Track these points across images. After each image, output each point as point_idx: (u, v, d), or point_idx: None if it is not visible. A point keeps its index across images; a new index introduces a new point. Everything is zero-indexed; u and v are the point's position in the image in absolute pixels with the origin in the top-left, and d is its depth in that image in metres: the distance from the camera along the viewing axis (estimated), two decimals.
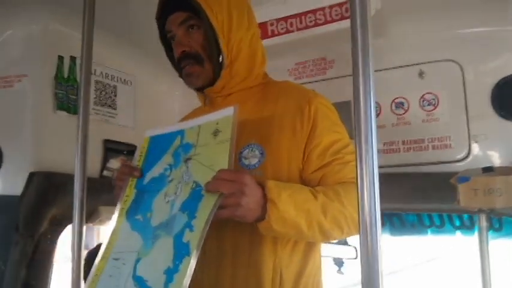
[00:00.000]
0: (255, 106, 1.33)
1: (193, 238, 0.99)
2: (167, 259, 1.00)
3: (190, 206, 1.06)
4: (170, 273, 0.98)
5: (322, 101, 1.31)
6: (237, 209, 1.03)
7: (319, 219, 1.11)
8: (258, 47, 1.38)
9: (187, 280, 0.94)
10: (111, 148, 2.26)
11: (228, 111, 1.13)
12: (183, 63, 1.32)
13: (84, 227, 1.34)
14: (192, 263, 0.96)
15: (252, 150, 1.24)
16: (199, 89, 1.37)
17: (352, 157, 1.24)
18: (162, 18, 1.36)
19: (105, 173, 2.23)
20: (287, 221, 1.08)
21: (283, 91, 1.35)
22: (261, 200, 1.06)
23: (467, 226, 2.36)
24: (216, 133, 1.13)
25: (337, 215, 1.12)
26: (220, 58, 1.29)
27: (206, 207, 1.02)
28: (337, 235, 1.18)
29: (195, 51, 1.30)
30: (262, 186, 1.08)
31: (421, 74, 2.01)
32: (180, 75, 1.37)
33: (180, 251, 0.99)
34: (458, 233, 2.40)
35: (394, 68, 2.06)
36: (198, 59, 1.30)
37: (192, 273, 0.95)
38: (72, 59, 2.09)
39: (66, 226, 2.10)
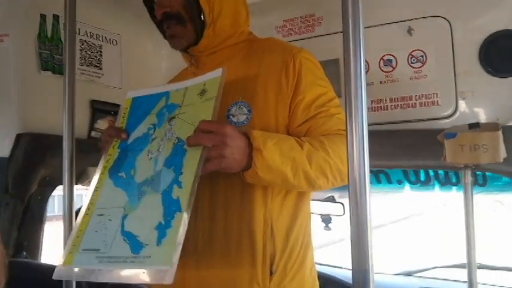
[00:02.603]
0: (240, 63, 1.34)
1: (183, 194, 1.00)
2: (157, 215, 1.02)
3: (174, 162, 1.07)
4: (162, 229, 0.99)
5: (307, 55, 1.32)
6: (221, 161, 1.04)
7: (305, 168, 1.14)
8: (241, 4, 1.38)
9: (181, 235, 0.95)
10: (99, 108, 2.24)
11: (217, 73, 1.14)
12: (165, 24, 1.32)
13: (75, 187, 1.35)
14: (185, 218, 0.97)
15: (239, 107, 1.26)
16: (184, 49, 1.37)
17: (337, 110, 1.28)
18: None
19: (93, 133, 2.22)
20: (273, 168, 1.10)
21: (267, 47, 1.36)
22: (246, 149, 1.08)
23: (452, 182, 2.40)
24: (202, 93, 1.14)
25: (322, 163, 1.15)
26: (202, 16, 1.28)
27: (191, 162, 1.03)
28: (323, 184, 1.20)
29: (176, 11, 1.29)
30: (247, 136, 1.09)
31: (409, 31, 1.99)
32: (165, 37, 1.37)
33: (171, 207, 1.01)
34: (444, 188, 2.45)
35: (382, 24, 2.04)
36: (180, 19, 1.30)
37: (186, 228, 0.96)
38: (55, 17, 2.04)
39: (55, 187, 2.11)
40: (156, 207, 1.03)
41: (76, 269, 1.07)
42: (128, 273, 0.99)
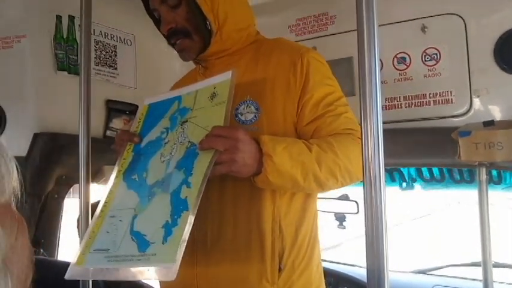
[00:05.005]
0: (248, 64, 1.35)
1: (191, 194, 1.01)
2: (165, 214, 1.03)
3: (186, 164, 1.08)
4: (169, 228, 1.00)
5: (314, 55, 1.32)
6: (232, 165, 1.05)
7: (314, 170, 1.14)
8: (245, 6, 1.39)
9: (186, 233, 0.96)
10: (114, 108, 2.26)
11: (226, 76, 1.15)
12: (172, 39, 1.34)
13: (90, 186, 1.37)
14: (191, 217, 0.98)
15: (247, 106, 1.27)
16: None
17: (345, 109, 1.29)
18: None
19: (108, 133, 2.24)
20: (283, 173, 1.11)
21: (276, 47, 1.36)
22: (257, 155, 1.09)
23: (467, 180, 2.39)
24: (213, 96, 1.15)
25: (332, 165, 1.16)
26: (208, 25, 1.29)
27: (202, 164, 1.04)
28: (333, 185, 1.21)
29: (181, 26, 1.31)
30: (257, 141, 1.10)
31: (423, 29, 1.98)
32: (173, 47, 1.39)
33: (178, 207, 1.02)
34: (458, 186, 2.43)
35: (396, 23, 2.03)
36: (186, 33, 1.32)
37: (191, 227, 0.97)
38: (71, 18, 2.06)
39: (72, 185, 2.14)
40: (164, 207, 1.04)
41: (86, 269, 1.09)
42: (134, 271, 0.99)
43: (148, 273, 0.97)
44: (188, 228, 0.97)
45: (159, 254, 0.98)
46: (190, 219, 0.98)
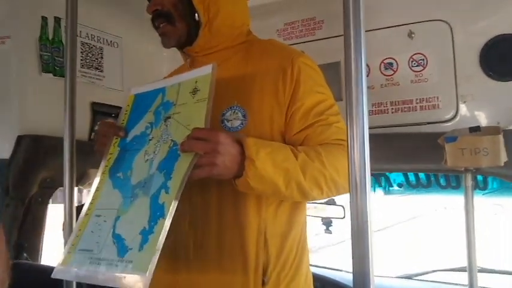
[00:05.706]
0: (237, 65, 1.30)
1: (169, 200, 1.00)
2: (143, 220, 1.02)
3: (167, 166, 1.06)
4: (145, 234, 0.99)
5: (306, 60, 1.27)
6: (212, 168, 1.03)
7: (298, 179, 1.10)
8: (241, 4, 1.35)
9: (160, 242, 0.95)
10: (99, 111, 2.24)
11: (207, 69, 1.12)
12: (156, 22, 1.30)
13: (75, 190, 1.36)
14: (166, 225, 0.97)
15: (234, 112, 1.22)
16: (180, 48, 1.35)
17: (337, 118, 1.24)
18: None
19: (93, 136, 2.22)
20: (264, 178, 1.07)
21: (267, 50, 1.32)
22: (238, 158, 1.06)
23: (453, 185, 2.41)
24: (194, 92, 1.12)
25: (317, 175, 1.12)
26: (197, 16, 1.26)
27: (181, 169, 1.02)
28: (317, 195, 1.17)
29: (167, 9, 1.27)
30: (240, 143, 1.07)
31: (410, 35, 1.99)
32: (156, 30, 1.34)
33: (156, 213, 1.01)
34: (444, 192, 2.45)
35: (383, 28, 2.04)
36: (169, 18, 1.27)
37: (165, 235, 0.96)
38: (57, 20, 2.04)
39: (56, 189, 2.11)
40: (143, 212, 1.03)
41: (71, 269, 1.08)
42: (114, 277, 0.99)
43: (124, 281, 0.97)
44: (162, 237, 0.96)
45: (135, 261, 0.97)
46: (166, 227, 0.97)
